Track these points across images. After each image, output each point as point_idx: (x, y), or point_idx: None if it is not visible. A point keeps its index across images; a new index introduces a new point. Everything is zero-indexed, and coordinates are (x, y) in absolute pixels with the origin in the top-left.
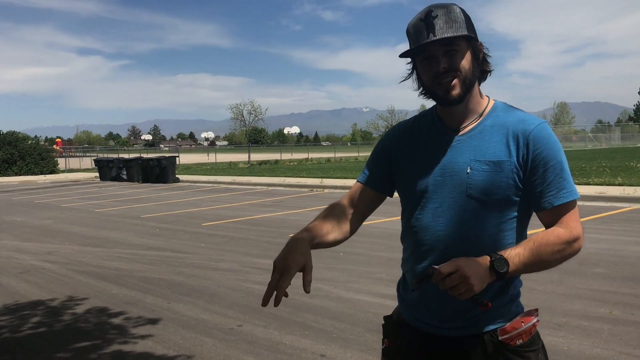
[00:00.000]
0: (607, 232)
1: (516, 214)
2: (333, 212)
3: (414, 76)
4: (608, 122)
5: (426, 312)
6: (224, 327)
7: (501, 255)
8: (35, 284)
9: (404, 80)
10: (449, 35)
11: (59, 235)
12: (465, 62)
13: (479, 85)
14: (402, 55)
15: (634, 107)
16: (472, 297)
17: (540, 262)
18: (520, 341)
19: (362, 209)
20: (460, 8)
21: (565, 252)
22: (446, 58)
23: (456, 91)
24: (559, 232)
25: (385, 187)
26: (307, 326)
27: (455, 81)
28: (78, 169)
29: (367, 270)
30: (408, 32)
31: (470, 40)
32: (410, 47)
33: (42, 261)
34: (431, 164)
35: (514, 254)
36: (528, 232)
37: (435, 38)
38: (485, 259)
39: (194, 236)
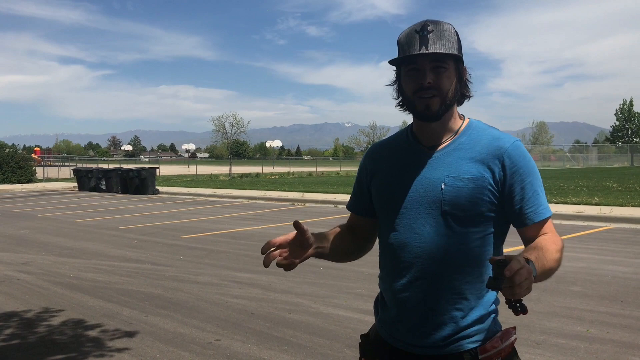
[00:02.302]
0: (584, 251)
1: (492, 229)
2: (341, 230)
3: (396, 86)
4: (585, 143)
5: (405, 331)
6: (202, 342)
7: (531, 259)
8: (10, 295)
9: (389, 85)
10: (440, 51)
11: (35, 245)
12: (449, 83)
13: (457, 107)
14: (391, 62)
15: (611, 128)
16: (518, 301)
17: (547, 271)
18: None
19: (365, 234)
20: (455, 29)
21: (560, 260)
22: (433, 74)
23: (435, 108)
24: (555, 239)
25: (374, 212)
26: (286, 341)
27: (436, 99)
28: (56, 179)
29: (347, 286)
30: (399, 41)
31: (458, 61)
32: (399, 56)
33: (17, 272)
34: (406, 181)
35: (534, 257)
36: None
37: (426, 51)
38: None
39: (173, 249)
